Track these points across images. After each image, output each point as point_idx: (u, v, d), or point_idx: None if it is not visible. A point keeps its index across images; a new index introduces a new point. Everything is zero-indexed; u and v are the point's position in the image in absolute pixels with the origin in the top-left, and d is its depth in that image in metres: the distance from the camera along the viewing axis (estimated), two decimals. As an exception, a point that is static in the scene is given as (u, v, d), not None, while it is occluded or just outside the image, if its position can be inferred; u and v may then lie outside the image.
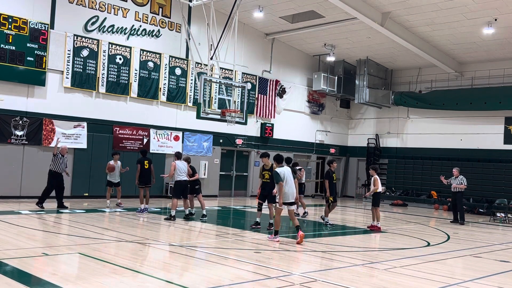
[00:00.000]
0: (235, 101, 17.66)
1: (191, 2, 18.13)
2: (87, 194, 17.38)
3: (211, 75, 16.69)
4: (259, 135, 23.17)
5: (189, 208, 13.72)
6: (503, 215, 18.23)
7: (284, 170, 10.49)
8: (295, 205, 11.35)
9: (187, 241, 10.44)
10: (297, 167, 15.35)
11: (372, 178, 13.56)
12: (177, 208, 13.32)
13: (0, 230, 10.02)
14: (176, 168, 13.27)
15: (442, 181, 16.94)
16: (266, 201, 12.23)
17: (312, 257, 9.22)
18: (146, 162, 14.63)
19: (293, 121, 24.82)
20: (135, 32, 18.77)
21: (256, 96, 22.82)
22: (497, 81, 22.39)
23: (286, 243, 10.35)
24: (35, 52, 16.07)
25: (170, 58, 19.73)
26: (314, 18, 20.57)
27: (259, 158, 12.58)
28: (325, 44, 23.36)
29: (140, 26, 18.92)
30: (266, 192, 12.07)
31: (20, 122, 15.97)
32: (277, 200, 10.68)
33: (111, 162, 15.46)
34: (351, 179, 27.71)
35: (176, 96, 19.91)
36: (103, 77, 17.80)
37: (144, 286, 6.44)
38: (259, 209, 12.44)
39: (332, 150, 26.88)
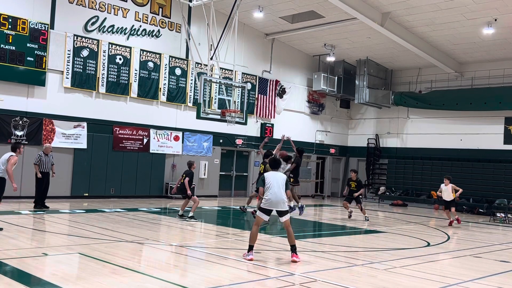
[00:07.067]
0: (235, 101, 17.63)
1: (191, 2, 18.11)
2: (87, 194, 17.37)
3: (211, 75, 16.66)
4: (259, 135, 23.14)
5: None
6: (503, 215, 18.22)
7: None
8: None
9: (187, 241, 10.43)
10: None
11: None
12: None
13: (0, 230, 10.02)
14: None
15: None
16: None
17: (312, 257, 9.21)
18: None
19: (293, 121, 24.79)
20: (135, 32, 18.76)
21: (256, 96, 22.81)
22: (497, 81, 22.38)
23: (285, 243, 10.34)
24: (35, 52, 16.07)
25: (170, 58, 19.73)
26: (314, 18, 20.56)
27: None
28: (325, 44, 23.35)
29: (140, 26, 18.91)
30: None
31: (20, 122, 15.97)
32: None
33: None
34: (351, 180, 27.62)
35: (176, 96, 19.91)
36: (103, 77, 17.79)
37: (144, 286, 6.44)
38: None
39: (332, 150, 26.87)
